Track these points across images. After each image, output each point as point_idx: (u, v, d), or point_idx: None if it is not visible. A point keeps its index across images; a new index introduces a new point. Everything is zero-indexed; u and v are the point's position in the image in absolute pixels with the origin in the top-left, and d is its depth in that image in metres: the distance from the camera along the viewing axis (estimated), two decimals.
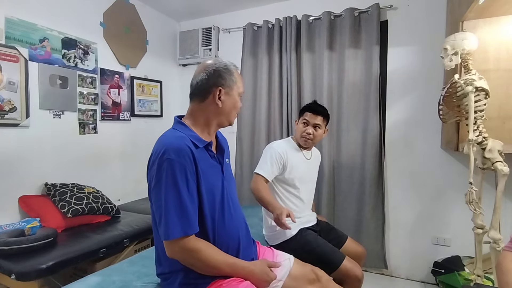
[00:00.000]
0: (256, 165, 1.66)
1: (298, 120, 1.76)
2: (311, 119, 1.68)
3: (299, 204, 1.70)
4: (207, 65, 1.09)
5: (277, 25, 2.67)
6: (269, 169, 1.60)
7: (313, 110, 1.70)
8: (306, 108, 1.74)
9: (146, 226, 2.10)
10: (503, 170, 1.50)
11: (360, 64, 2.42)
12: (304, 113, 1.72)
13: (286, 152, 1.66)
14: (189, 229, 0.94)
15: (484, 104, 1.56)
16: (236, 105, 1.12)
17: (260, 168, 1.62)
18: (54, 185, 2.04)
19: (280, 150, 1.65)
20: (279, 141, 1.77)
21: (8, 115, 1.88)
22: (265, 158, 1.64)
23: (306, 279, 1.24)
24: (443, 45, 1.64)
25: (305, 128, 1.69)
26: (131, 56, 2.76)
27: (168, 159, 0.94)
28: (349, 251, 1.68)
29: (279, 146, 1.69)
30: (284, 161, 1.64)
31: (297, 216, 1.60)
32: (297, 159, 1.71)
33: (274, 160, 1.62)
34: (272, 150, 1.65)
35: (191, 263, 0.98)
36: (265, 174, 1.59)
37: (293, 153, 1.71)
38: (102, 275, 1.26)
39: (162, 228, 0.94)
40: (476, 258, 1.68)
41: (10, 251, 1.56)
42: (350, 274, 1.47)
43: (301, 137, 1.71)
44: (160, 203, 0.95)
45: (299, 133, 1.72)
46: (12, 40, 1.90)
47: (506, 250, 1.02)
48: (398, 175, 2.42)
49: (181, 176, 0.94)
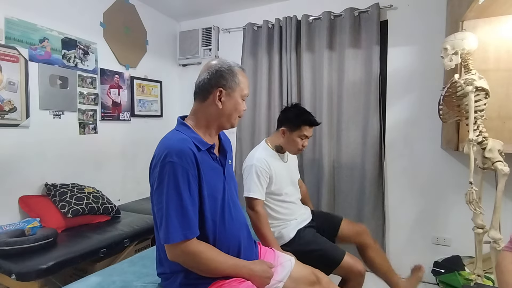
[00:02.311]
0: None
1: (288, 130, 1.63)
2: (309, 132, 1.64)
3: (290, 207, 1.68)
4: (211, 65, 1.08)
5: (277, 25, 2.67)
6: (261, 189, 1.54)
7: (314, 123, 1.65)
8: (305, 122, 1.62)
9: (146, 226, 2.10)
10: (503, 169, 1.50)
11: (360, 64, 2.42)
12: (304, 127, 1.61)
13: (268, 164, 1.59)
14: (190, 233, 0.94)
15: (484, 104, 1.56)
16: (238, 107, 1.10)
17: (252, 190, 1.53)
18: (54, 185, 2.04)
19: (264, 165, 1.57)
20: (258, 154, 1.62)
21: (8, 115, 1.88)
22: (252, 178, 1.54)
23: (306, 281, 1.24)
24: (443, 45, 1.64)
25: (302, 141, 1.64)
26: (131, 56, 2.76)
27: (170, 162, 0.93)
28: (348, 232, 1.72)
29: (260, 160, 1.58)
30: (270, 174, 1.59)
31: (292, 219, 1.62)
32: (278, 167, 1.65)
33: (262, 178, 1.55)
34: (255, 167, 1.56)
35: (192, 265, 0.98)
36: (259, 196, 1.53)
37: (274, 162, 1.64)
38: (102, 275, 1.26)
39: (163, 231, 0.94)
40: (476, 258, 1.67)
41: (10, 251, 1.56)
42: (353, 269, 1.48)
43: (297, 150, 1.67)
44: (161, 206, 0.94)
45: (294, 146, 1.65)
46: (12, 40, 1.90)
47: (505, 250, 1.02)
48: (398, 175, 2.42)
49: (183, 179, 0.94)
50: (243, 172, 1.63)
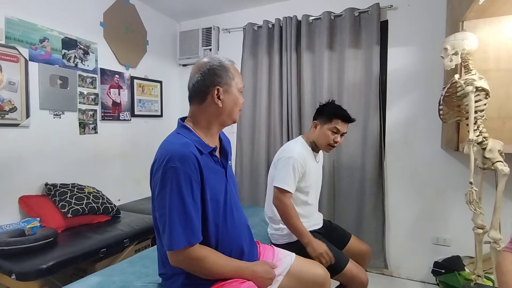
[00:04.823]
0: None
1: (320, 123, 1.62)
2: (342, 128, 1.60)
3: (308, 209, 1.66)
4: (201, 65, 1.05)
5: (277, 25, 2.67)
6: (293, 182, 1.52)
7: (347, 119, 1.60)
8: (337, 115, 1.59)
9: (146, 226, 2.10)
10: (503, 170, 1.50)
11: (360, 64, 2.42)
12: (334, 120, 1.58)
13: (305, 160, 1.57)
14: (194, 239, 0.94)
15: (484, 104, 1.56)
16: (237, 101, 1.08)
17: (285, 182, 1.50)
18: (54, 185, 2.04)
19: (302, 160, 1.55)
20: (298, 148, 1.61)
21: (8, 115, 1.88)
22: (288, 170, 1.52)
23: (309, 275, 1.25)
24: (443, 45, 1.64)
25: (334, 136, 1.59)
26: (131, 56, 2.76)
27: (173, 168, 0.92)
28: (354, 249, 1.68)
29: (299, 154, 1.56)
30: (304, 170, 1.57)
31: (305, 221, 1.59)
32: (312, 165, 1.63)
33: (297, 171, 1.53)
34: (294, 160, 1.53)
35: (195, 270, 0.98)
36: (291, 189, 1.50)
37: (310, 160, 1.62)
38: (102, 275, 1.26)
39: (166, 238, 0.93)
40: (477, 258, 1.67)
41: (10, 251, 1.56)
42: (355, 279, 1.46)
43: (327, 145, 1.61)
44: (164, 211, 0.93)
45: (325, 140, 1.60)
46: (12, 40, 1.90)
47: (506, 251, 1.02)
48: (398, 175, 2.42)
49: (186, 185, 0.92)
50: (277, 162, 1.61)
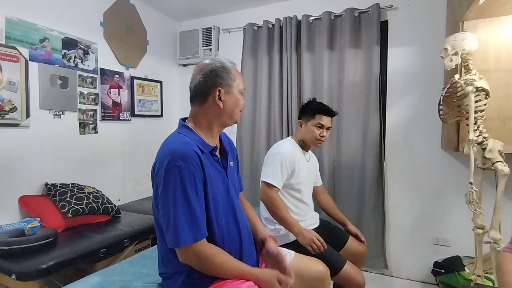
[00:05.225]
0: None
1: (304, 121, 1.68)
2: (326, 122, 1.64)
3: (302, 207, 1.67)
4: (203, 66, 1.07)
5: (277, 25, 2.67)
6: (280, 178, 1.54)
7: (329, 113, 1.65)
8: (319, 111, 1.64)
9: (146, 226, 2.10)
10: (503, 170, 1.50)
11: (360, 64, 2.42)
12: (318, 115, 1.63)
13: (294, 157, 1.60)
14: (199, 234, 0.94)
15: (484, 104, 1.56)
16: (238, 103, 1.10)
17: (271, 176, 1.53)
18: (54, 185, 2.04)
19: (289, 155, 1.58)
20: (286, 144, 1.67)
21: (8, 115, 1.88)
22: (275, 165, 1.54)
23: (310, 273, 1.26)
24: (443, 45, 1.64)
25: (319, 131, 1.64)
26: (131, 56, 2.76)
27: (176, 166, 0.93)
28: (351, 250, 1.68)
29: (287, 150, 1.60)
30: (293, 166, 1.59)
31: (301, 220, 1.60)
32: (302, 162, 1.67)
33: (285, 167, 1.55)
34: (281, 156, 1.56)
35: (203, 267, 0.98)
36: (277, 184, 1.52)
37: (299, 157, 1.66)
38: (102, 275, 1.26)
39: (172, 235, 0.93)
40: (476, 258, 1.67)
41: (10, 251, 1.56)
42: (352, 280, 1.46)
43: (315, 140, 1.65)
44: (168, 210, 0.94)
45: (311, 136, 1.65)
46: (12, 40, 1.90)
47: (506, 251, 1.02)
48: (398, 175, 2.42)
49: (190, 182, 0.93)
50: (265, 159, 1.64)
